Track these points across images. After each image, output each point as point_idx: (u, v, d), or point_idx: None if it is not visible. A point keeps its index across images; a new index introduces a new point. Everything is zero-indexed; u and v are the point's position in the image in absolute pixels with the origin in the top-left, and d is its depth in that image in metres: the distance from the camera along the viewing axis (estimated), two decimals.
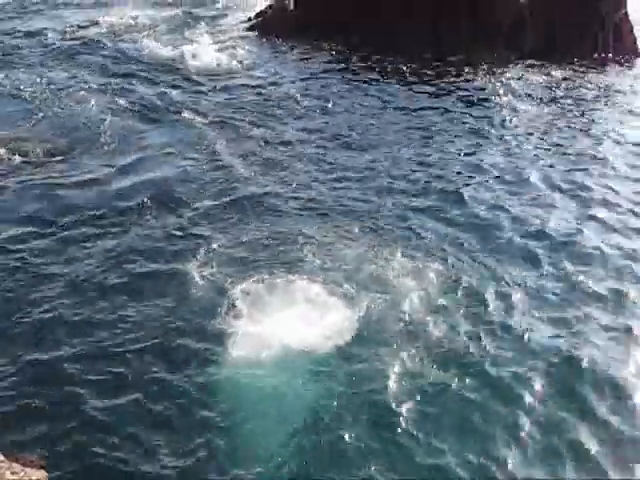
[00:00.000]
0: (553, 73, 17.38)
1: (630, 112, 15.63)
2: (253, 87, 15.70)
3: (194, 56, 17.15)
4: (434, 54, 17.76)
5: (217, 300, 8.60)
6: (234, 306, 8.46)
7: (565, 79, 17.13)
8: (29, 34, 18.34)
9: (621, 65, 18.70)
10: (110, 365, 7.63)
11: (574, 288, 9.36)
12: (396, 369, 7.69)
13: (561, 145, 13.65)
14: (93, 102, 14.15)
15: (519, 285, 9.28)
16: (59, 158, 12.03)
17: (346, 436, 6.91)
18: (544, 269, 9.70)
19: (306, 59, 17.68)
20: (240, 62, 17.16)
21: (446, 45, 17.75)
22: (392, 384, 7.49)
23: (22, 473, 5.45)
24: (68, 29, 19.04)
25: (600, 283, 9.46)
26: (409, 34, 17.52)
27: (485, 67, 17.38)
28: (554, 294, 9.21)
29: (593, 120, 15.08)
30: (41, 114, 13.61)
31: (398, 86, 16.23)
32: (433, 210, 11.01)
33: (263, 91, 15.47)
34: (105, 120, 13.42)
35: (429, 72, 17.05)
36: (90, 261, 9.32)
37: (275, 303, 8.43)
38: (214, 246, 9.66)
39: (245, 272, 9.11)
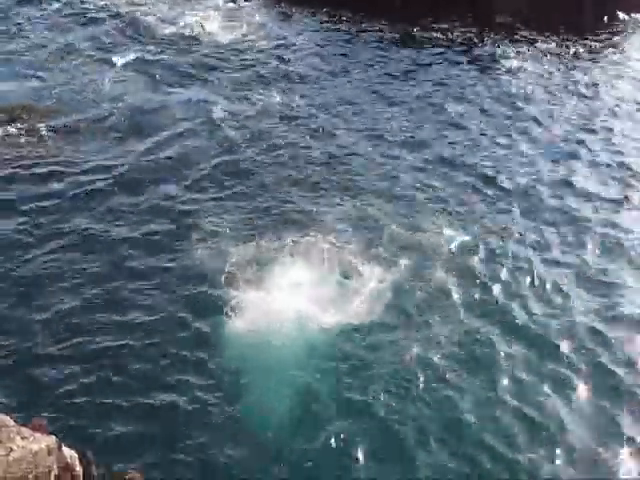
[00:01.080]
0: (562, 44, 17.01)
1: None
2: (266, 54, 15.66)
3: (203, 26, 16.99)
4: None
5: (221, 265, 8.60)
6: (236, 272, 8.54)
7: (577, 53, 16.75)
8: (32, 5, 18.04)
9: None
10: (119, 320, 7.73)
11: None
12: (419, 334, 7.56)
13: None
14: (102, 74, 14.18)
15: (547, 249, 9.11)
16: (69, 124, 12.17)
17: (356, 409, 6.80)
18: (575, 229, 9.49)
19: (314, 28, 17.54)
20: (249, 29, 17.05)
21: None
22: (413, 351, 7.37)
23: (31, 438, 5.32)
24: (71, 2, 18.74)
25: None
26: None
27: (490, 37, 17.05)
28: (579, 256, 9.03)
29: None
30: (49, 84, 13.60)
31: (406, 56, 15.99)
32: (452, 175, 10.88)
33: (275, 60, 15.44)
34: (115, 92, 13.49)
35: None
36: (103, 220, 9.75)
37: (286, 267, 8.35)
38: (225, 209, 9.64)
39: (255, 237, 9.31)
